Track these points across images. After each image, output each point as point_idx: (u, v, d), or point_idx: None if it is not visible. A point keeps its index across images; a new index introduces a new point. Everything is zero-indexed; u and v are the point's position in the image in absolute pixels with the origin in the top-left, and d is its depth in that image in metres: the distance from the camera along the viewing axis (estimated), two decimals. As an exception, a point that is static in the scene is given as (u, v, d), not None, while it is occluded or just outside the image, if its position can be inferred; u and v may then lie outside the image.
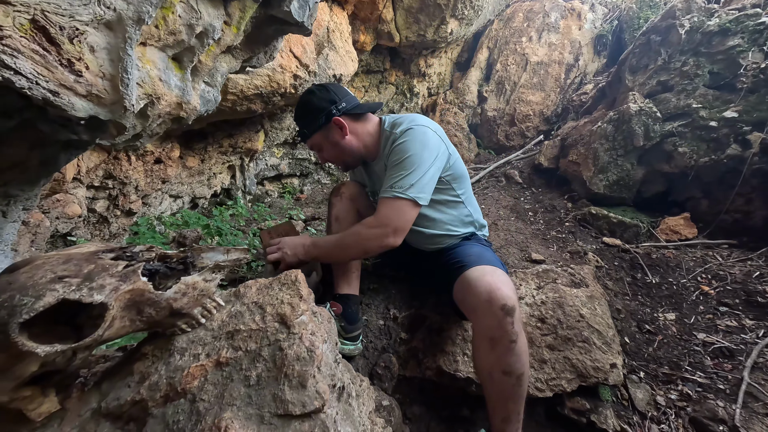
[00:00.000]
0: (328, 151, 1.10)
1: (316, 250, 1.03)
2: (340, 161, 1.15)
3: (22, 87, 0.65)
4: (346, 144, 1.08)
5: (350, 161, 1.15)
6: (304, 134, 1.10)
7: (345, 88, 1.12)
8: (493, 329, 0.82)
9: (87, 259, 0.46)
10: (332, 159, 1.13)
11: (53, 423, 0.49)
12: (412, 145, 0.97)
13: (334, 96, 1.05)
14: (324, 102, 1.05)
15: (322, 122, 1.05)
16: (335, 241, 1.03)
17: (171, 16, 0.86)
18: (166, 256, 0.54)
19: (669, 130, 2.23)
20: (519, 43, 3.81)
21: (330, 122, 1.05)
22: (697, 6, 2.41)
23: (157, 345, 0.54)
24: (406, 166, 0.95)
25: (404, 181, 0.93)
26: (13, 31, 0.61)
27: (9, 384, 0.42)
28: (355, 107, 1.08)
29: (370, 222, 0.96)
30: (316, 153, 1.14)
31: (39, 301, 0.39)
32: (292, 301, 0.58)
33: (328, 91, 1.06)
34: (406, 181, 0.93)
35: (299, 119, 1.10)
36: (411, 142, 0.97)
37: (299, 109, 1.09)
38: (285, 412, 0.46)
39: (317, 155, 1.14)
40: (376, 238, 0.93)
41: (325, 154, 1.12)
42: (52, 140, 0.84)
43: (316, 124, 1.05)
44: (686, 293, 1.65)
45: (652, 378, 1.26)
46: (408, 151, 0.96)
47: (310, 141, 1.10)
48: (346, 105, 1.06)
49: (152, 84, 0.89)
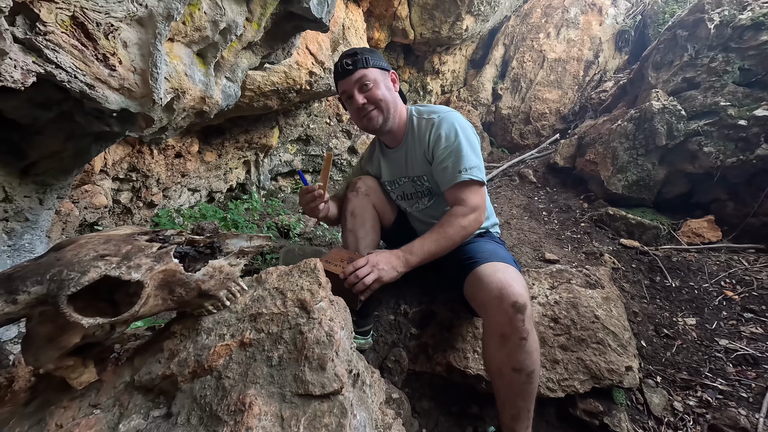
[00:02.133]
0: (380, 89, 1.03)
1: (415, 257, 0.94)
2: (380, 110, 1.05)
3: (62, 80, 0.69)
4: (393, 96, 1.06)
5: (384, 117, 1.05)
6: (365, 60, 1.01)
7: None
8: (504, 326, 0.82)
9: (125, 240, 0.49)
10: (378, 101, 1.03)
11: (90, 393, 0.53)
12: (461, 130, 0.99)
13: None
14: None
15: (385, 66, 1.06)
16: (437, 239, 0.96)
17: (197, 12, 0.89)
18: (194, 241, 0.57)
19: (694, 128, 2.14)
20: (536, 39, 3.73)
21: (390, 72, 1.07)
22: (728, -1, 2.30)
23: (185, 324, 0.57)
24: (463, 149, 0.97)
25: (466, 162, 0.96)
26: (56, 27, 0.65)
27: (55, 353, 0.45)
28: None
29: (462, 211, 0.97)
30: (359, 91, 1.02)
31: (84, 276, 0.42)
32: (312, 288, 0.59)
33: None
34: (468, 163, 0.96)
35: (364, 51, 1.04)
36: (456, 127, 0.99)
37: (365, 48, 1.08)
38: (305, 392, 0.48)
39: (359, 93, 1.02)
40: (476, 221, 0.97)
41: (375, 91, 1.02)
42: (86, 132, 0.88)
43: (380, 63, 1.04)
44: (708, 298, 1.59)
45: (669, 383, 1.23)
46: (458, 135, 0.98)
47: (366, 72, 1.02)
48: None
49: (178, 78, 0.92)
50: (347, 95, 1.05)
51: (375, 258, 0.92)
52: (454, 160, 0.97)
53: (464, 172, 0.96)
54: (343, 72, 1.02)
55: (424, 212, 1.19)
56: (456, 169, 0.97)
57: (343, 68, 1.02)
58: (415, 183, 1.15)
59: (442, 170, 1.00)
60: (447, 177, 0.99)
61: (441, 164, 1.00)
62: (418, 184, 1.14)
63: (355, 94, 1.02)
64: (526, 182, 2.97)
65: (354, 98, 1.03)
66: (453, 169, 0.98)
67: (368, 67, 1.02)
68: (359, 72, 1.01)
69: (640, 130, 2.32)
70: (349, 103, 1.07)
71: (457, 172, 0.97)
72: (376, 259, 0.92)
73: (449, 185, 0.99)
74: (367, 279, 0.87)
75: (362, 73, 1.01)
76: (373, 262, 0.91)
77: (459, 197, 0.98)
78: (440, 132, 1.00)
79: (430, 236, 0.97)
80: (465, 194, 0.97)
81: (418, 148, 1.08)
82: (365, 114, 1.04)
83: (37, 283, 0.41)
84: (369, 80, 1.02)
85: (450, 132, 0.99)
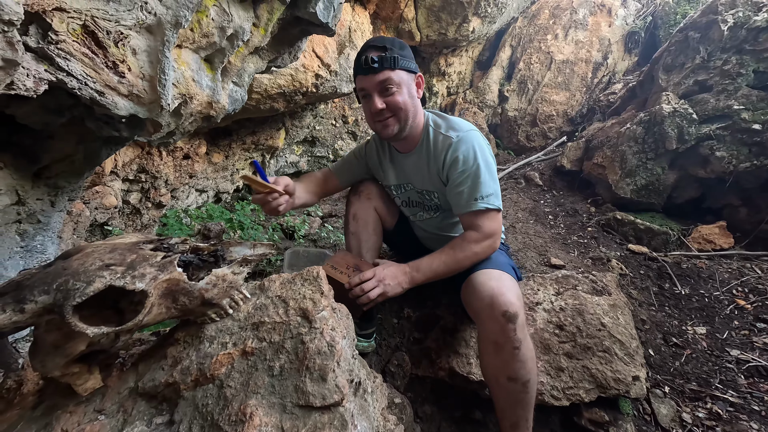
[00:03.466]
0: (402, 94, 0.93)
1: (421, 275, 0.93)
2: (398, 119, 0.96)
3: (73, 87, 0.70)
4: (415, 103, 0.97)
5: (401, 127, 0.97)
6: (393, 60, 0.90)
7: None
8: (496, 335, 0.82)
9: (130, 249, 0.50)
10: (398, 108, 0.94)
11: (95, 398, 0.54)
12: (479, 153, 0.94)
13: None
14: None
15: (413, 68, 0.95)
16: (447, 261, 0.93)
17: (205, 19, 0.90)
18: (198, 249, 0.58)
19: (706, 132, 2.10)
20: (544, 40, 3.69)
21: (417, 74, 0.98)
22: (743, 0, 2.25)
23: (189, 332, 0.57)
24: (481, 174, 0.93)
25: (483, 189, 0.92)
26: (67, 36, 0.66)
27: (61, 360, 0.46)
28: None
29: (475, 237, 0.93)
30: (379, 95, 0.93)
31: (90, 286, 0.42)
32: (314, 297, 0.60)
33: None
34: (485, 191, 0.92)
35: (393, 46, 0.92)
36: (476, 149, 0.94)
37: (396, 41, 0.94)
38: (306, 403, 0.48)
39: (376, 97, 0.93)
40: (489, 248, 0.94)
41: (396, 98, 0.92)
42: (96, 136, 0.90)
43: (408, 63, 0.93)
44: (719, 307, 1.55)
45: (677, 393, 1.20)
46: (477, 159, 0.93)
47: (392, 74, 0.90)
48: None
49: (186, 84, 0.93)
50: (365, 93, 0.95)
51: (382, 272, 0.91)
52: (471, 186, 0.93)
53: (480, 200, 0.92)
54: (366, 68, 0.90)
55: (428, 222, 1.17)
56: (472, 196, 0.93)
57: (367, 64, 0.90)
58: (422, 195, 1.11)
59: (458, 194, 0.95)
60: (462, 202, 0.95)
61: (457, 188, 0.95)
62: (426, 197, 1.10)
63: (375, 96, 0.92)
64: (532, 185, 2.94)
65: (372, 100, 0.93)
66: (469, 195, 0.93)
67: (395, 69, 0.90)
68: (384, 73, 0.90)
69: (649, 133, 2.27)
70: (365, 101, 0.97)
71: (473, 199, 0.93)
72: (383, 274, 0.91)
73: (464, 211, 0.95)
74: (371, 293, 0.88)
75: (387, 75, 0.90)
76: (380, 276, 0.90)
77: (474, 223, 0.94)
78: (457, 154, 0.94)
79: (440, 257, 0.94)
80: (480, 220, 0.93)
81: (432, 164, 1.01)
82: (381, 120, 0.95)
83: (44, 292, 0.42)
84: (393, 84, 0.91)
85: (468, 155, 0.93)
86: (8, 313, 0.41)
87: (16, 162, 0.83)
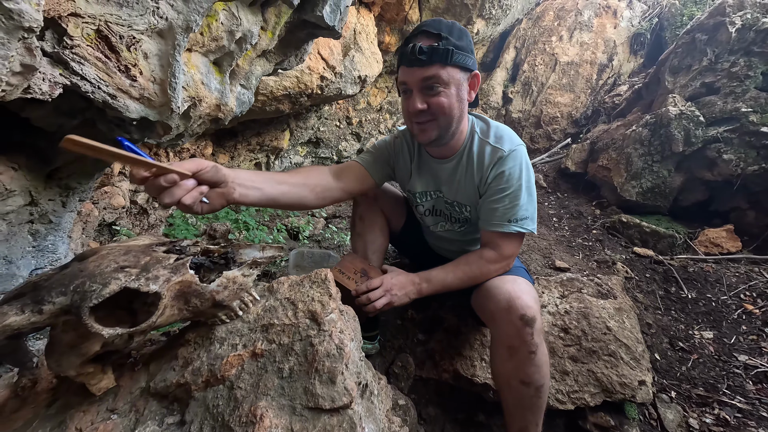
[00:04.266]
0: (449, 96, 0.79)
1: (430, 287, 0.91)
2: (439, 125, 0.83)
3: (86, 91, 0.72)
4: (463, 109, 0.84)
5: (440, 134, 0.85)
6: (448, 54, 0.75)
7: None
8: (512, 338, 0.81)
9: (143, 251, 0.50)
10: (441, 113, 0.81)
11: (108, 397, 0.55)
12: (525, 172, 0.88)
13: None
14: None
15: (470, 64, 0.79)
16: (460, 277, 0.90)
17: (214, 23, 0.91)
18: (208, 251, 0.58)
19: (713, 135, 2.08)
20: (548, 42, 3.68)
21: (472, 72, 0.81)
22: (751, 2, 2.23)
23: (199, 333, 0.58)
24: (521, 196, 0.87)
25: (520, 212, 0.87)
26: (81, 41, 0.68)
27: (76, 360, 0.47)
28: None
29: (493, 257, 0.90)
30: (422, 93, 0.80)
31: (105, 288, 0.43)
32: (322, 299, 0.60)
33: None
34: (521, 214, 0.88)
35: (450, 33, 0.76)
36: (523, 168, 0.88)
37: (455, 27, 0.78)
38: (315, 405, 0.49)
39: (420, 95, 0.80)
40: (503, 269, 0.92)
41: (441, 99, 0.79)
42: (107, 138, 0.91)
43: (466, 58, 0.78)
44: (727, 311, 1.54)
45: (684, 399, 1.19)
46: (521, 179, 0.87)
47: (443, 71, 0.76)
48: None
49: (195, 87, 0.94)
50: (405, 88, 0.82)
51: (389, 281, 0.90)
52: (508, 206, 0.87)
53: (514, 223, 0.87)
54: (412, 59, 0.76)
55: (449, 233, 1.11)
56: (506, 217, 0.88)
57: (414, 54, 0.75)
58: (452, 206, 1.02)
59: (491, 210, 0.90)
60: (493, 219, 0.90)
61: (492, 203, 0.89)
62: (455, 209, 1.01)
63: (415, 95, 0.79)
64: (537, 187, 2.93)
65: (412, 98, 0.80)
66: (503, 214, 0.88)
67: (447, 65, 0.76)
68: (433, 69, 0.76)
69: (655, 135, 2.26)
70: (405, 96, 0.84)
71: (506, 220, 0.88)
72: (390, 283, 0.89)
73: (491, 228, 0.90)
74: (378, 303, 0.87)
75: (436, 72, 0.76)
76: (387, 285, 0.89)
77: (495, 242, 0.91)
78: (504, 169, 0.87)
79: (454, 271, 0.91)
80: (503, 242, 0.90)
81: (475, 175, 0.92)
82: (419, 122, 0.83)
83: (61, 294, 0.43)
84: (441, 83, 0.77)
85: (513, 173, 0.87)
86: (27, 314, 0.42)
87: (30, 164, 0.84)
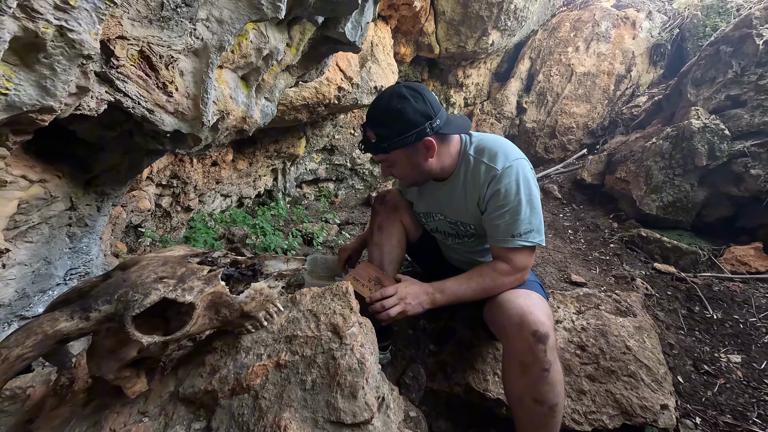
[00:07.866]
0: (401, 169, 0.94)
1: (444, 298, 0.91)
2: (408, 180, 0.99)
3: (128, 106, 0.77)
4: (426, 166, 0.92)
5: (420, 181, 0.99)
6: (380, 148, 0.88)
7: (434, 95, 0.90)
8: (524, 355, 0.79)
9: (179, 262, 0.53)
10: (401, 176, 0.97)
11: (139, 400, 0.57)
12: (523, 186, 0.89)
13: (430, 109, 0.86)
14: (419, 116, 0.85)
15: (411, 141, 0.86)
16: (474, 288, 0.91)
17: (244, 41, 0.96)
18: (237, 262, 0.61)
19: (739, 149, 2.01)
20: (564, 53, 3.66)
21: (420, 142, 0.87)
22: (780, 14, 2.17)
23: (225, 341, 0.60)
24: (521, 211, 0.88)
25: (522, 227, 0.89)
26: (126, 61, 0.73)
27: (115, 364, 0.50)
28: (446, 125, 0.90)
29: (506, 270, 0.91)
30: (382, 166, 0.97)
31: (147, 298, 0.46)
32: (344, 312, 0.62)
33: (425, 101, 0.86)
34: (524, 228, 0.89)
35: (380, 126, 0.87)
36: (520, 183, 0.88)
37: (384, 115, 0.87)
38: (337, 419, 0.50)
39: (382, 168, 0.97)
40: (517, 281, 0.92)
41: (395, 171, 0.95)
42: (141, 148, 0.97)
43: (401, 141, 0.86)
44: (756, 334, 1.47)
45: (710, 426, 1.14)
46: (519, 193, 0.88)
47: (386, 156, 0.90)
48: (440, 122, 0.87)
49: (224, 101, 0.99)
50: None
51: (404, 290, 0.90)
52: (509, 222, 0.89)
53: (518, 237, 0.89)
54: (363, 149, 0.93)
55: (460, 245, 1.13)
56: (509, 232, 0.89)
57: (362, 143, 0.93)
58: (456, 226, 1.06)
59: (494, 226, 0.92)
60: (498, 236, 0.92)
61: (494, 220, 0.92)
62: (460, 228, 1.05)
63: (381, 166, 0.97)
64: (551, 198, 2.88)
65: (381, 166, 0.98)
66: (506, 230, 0.90)
67: (387, 152, 0.89)
68: (378, 157, 0.92)
69: (677, 149, 2.20)
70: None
71: (510, 235, 0.89)
72: (404, 292, 0.90)
73: (498, 244, 0.92)
74: (392, 311, 0.87)
75: (381, 159, 0.93)
76: (401, 294, 0.89)
77: (506, 257, 0.91)
78: (499, 187, 0.89)
79: (468, 283, 0.92)
80: (513, 255, 0.91)
81: (473, 195, 0.95)
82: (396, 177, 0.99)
83: (106, 302, 0.46)
84: (386, 163, 0.94)
85: (510, 189, 0.88)
86: (75, 320, 0.45)
87: (72, 172, 0.90)
